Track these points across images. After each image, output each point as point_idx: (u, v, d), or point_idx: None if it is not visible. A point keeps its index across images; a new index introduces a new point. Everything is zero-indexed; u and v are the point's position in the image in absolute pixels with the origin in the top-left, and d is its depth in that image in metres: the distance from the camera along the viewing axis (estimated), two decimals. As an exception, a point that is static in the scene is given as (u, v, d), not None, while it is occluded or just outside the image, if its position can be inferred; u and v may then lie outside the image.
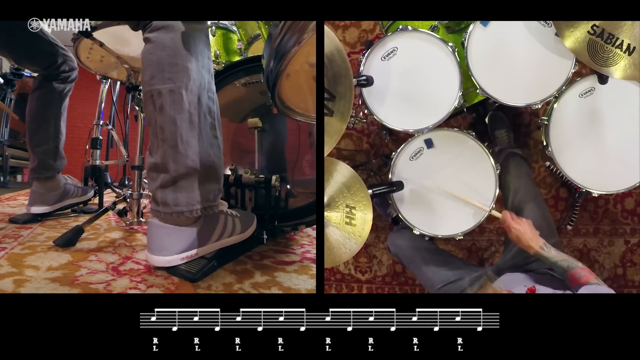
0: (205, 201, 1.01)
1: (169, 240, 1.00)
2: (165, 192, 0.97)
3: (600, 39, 1.04)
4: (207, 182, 1.01)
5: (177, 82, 0.94)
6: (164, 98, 0.94)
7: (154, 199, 1.00)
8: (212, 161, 1.01)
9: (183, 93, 0.94)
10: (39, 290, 0.89)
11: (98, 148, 2.06)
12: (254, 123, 1.41)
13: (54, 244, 1.22)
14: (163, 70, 0.94)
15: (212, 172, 1.02)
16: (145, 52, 0.97)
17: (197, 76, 0.97)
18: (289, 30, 0.84)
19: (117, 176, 3.06)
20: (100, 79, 2.08)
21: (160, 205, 0.98)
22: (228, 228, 1.11)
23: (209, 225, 1.06)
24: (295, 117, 1.12)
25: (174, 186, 0.97)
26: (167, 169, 0.96)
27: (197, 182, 0.99)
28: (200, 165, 0.98)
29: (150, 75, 0.95)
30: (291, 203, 1.45)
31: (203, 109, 0.99)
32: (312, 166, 1.47)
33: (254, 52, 1.90)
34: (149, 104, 0.96)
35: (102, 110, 2.25)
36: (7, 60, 3.51)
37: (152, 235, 1.01)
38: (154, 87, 0.94)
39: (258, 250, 1.30)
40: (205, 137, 0.99)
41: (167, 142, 0.95)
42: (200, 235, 1.03)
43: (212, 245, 1.08)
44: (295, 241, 1.49)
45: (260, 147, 1.43)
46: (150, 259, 1.01)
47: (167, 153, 0.95)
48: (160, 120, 0.95)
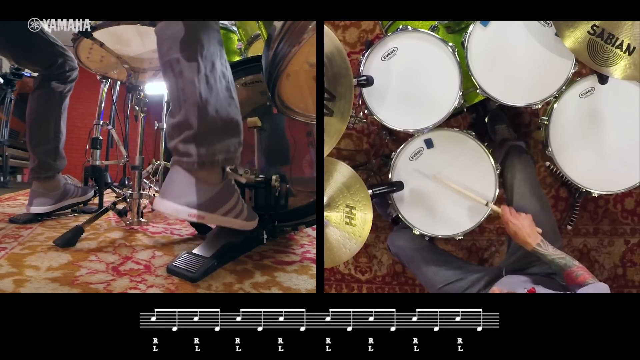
0: (227, 152, 1.04)
1: (185, 190, 1.01)
2: (188, 146, 1.01)
3: (600, 39, 1.04)
4: (228, 136, 1.05)
5: (193, 50, 0.99)
6: (182, 64, 0.99)
7: (177, 152, 1.02)
8: (232, 116, 1.05)
9: (199, 59, 1.00)
10: (39, 290, 0.89)
11: (98, 148, 2.06)
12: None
13: (54, 244, 1.22)
14: (178, 41, 0.99)
15: (233, 125, 1.05)
16: (159, 29, 1.02)
17: (210, 46, 1.02)
18: (289, 31, 0.84)
19: (117, 176, 3.06)
20: (100, 79, 2.08)
21: (184, 156, 1.01)
22: (238, 207, 1.12)
23: (225, 193, 1.08)
24: (295, 117, 1.13)
25: (197, 140, 1.01)
26: (190, 125, 1.00)
27: (218, 135, 1.03)
28: (220, 121, 1.02)
29: (168, 47, 1.01)
30: (291, 203, 1.45)
31: (218, 73, 1.04)
32: (312, 166, 1.47)
33: (254, 52, 1.89)
34: (169, 72, 1.01)
35: (102, 110, 2.26)
36: (7, 60, 3.51)
37: (171, 180, 1.03)
38: (172, 56, 1.00)
39: (258, 250, 1.30)
40: (223, 97, 1.04)
41: (188, 101, 1.00)
42: (214, 199, 1.04)
43: (220, 218, 1.07)
44: (295, 241, 1.49)
45: (260, 147, 1.43)
46: (159, 203, 1.02)
47: (190, 111, 1.00)
48: (181, 83, 1.00)
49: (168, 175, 1.05)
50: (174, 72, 1.00)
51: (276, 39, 0.86)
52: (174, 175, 1.03)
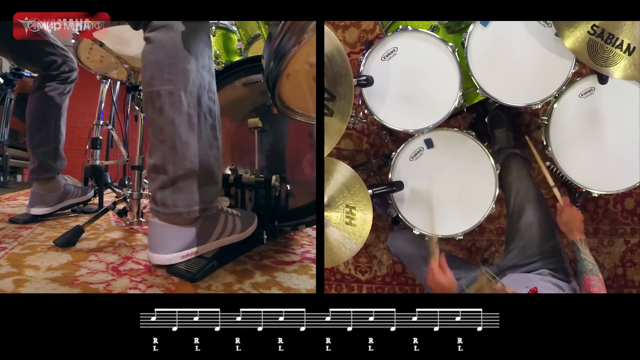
0: (204, 202, 1.02)
1: (169, 239, 1.00)
2: (164, 193, 0.98)
3: (600, 39, 1.04)
4: (205, 183, 1.02)
5: (176, 84, 0.94)
6: (163, 99, 0.94)
7: (154, 199, 1.00)
8: (211, 163, 1.02)
9: (182, 95, 0.95)
10: (39, 290, 0.89)
11: (98, 148, 2.06)
12: (254, 123, 1.41)
13: (54, 244, 1.22)
14: (162, 71, 0.94)
15: (210, 173, 1.03)
16: (145, 52, 0.98)
17: (197, 77, 0.98)
18: (289, 30, 0.84)
19: (117, 176, 3.06)
20: (100, 79, 2.08)
21: (160, 206, 0.99)
22: (228, 227, 1.11)
23: (209, 224, 1.07)
24: (295, 117, 1.13)
25: (173, 187, 0.98)
26: (165, 170, 0.97)
27: (196, 183, 1.00)
28: (199, 167, 0.99)
29: (150, 76, 0.96)
30: (291, 203, 1.45)
31: (203, 109, 0.99)
32: (312, 166, 1.47)
33: (254, 52, 1.89)
34: (149, 105, 0.97)
35: (102, 110, 2.25)
36: (7, 60, 3.51)
37: (152, 234, 1.03)
38: (154, 88, 0.95)
39: (258, 250, 1.30)
40: (205, 138, 1.00)
41: (165, 143, 0.96)
42: (200, 234, 1.04)
43: (212, 244, 1.08)
44: (295, 241, 1.49)
45: (260, 147, 1.43)
46: (151, 257, 1.02)
47: (166, 154, 0.96)
48: (160, 122, 0.95)
49: (149, 227, 1.03)
50: (154, 106, 0.95)
51: (276, 39, 0.86)
52: (155, 229, 1.01)
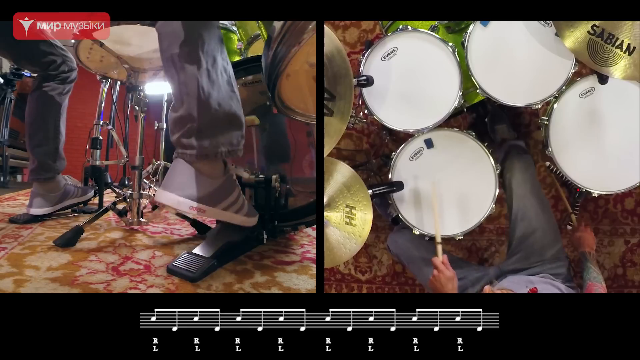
0: (229, 145, 1.05)
1: (187, 182, 1.01)
2: (191, 139, 1.01)
3: (600, 39, 1.04)
4: (230, 129, 1.05)
5: (194, 46, 1.00)
6: (184, 59, 1.00)
7: (180, 145, 1.03)
8: (234, 110, 1.05)
9: (200, 54, 1.00)
10: (39, 290, 0.89)
11: (98, 148, 2.06)
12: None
13: (54, 244, 1.22)
14: (179, 37, 0.99)
15: (235, 118, 1.06)
16: (160, 25, 1.02)
17: (211, 41, 1.03)
18: (289, 31, 0.84)
19: (117, 176, 3.07)
20: (100, 79, 2.08)
21: (187, 149, 1.02)
22: (239, 202, 1.12)
23: (226, 187, 1.08)
24: (295, 117, 1.12)
25: (200, 133, 1.01)
26: (193, 118, 1.00)
27: (221, 128, 1.03)
28: (223, 114, 1.03)
29: (169, 43, 1.01)
30: (291, 203, 1.45)
31: (219, 67, 1.04)
32: (312, 166, 1.47)
33: (254, 52, 1.89)
34: (171, 67, 1.01)
35: (102, 110, 2.26)
36: (7, 60, 3.51)
37: (173, 172, 1.04)
38: (174, 51, 1.00)
39: (258, 250, 1.30)
40: (224, 91, 1.04)
41: (191, 95, 1.00)
42: (215, 193, 1.05)
43: (221, 212, 1.08)
44: (295, 241, 1.49)
45: (260, 147, 1.43)
46: (160, 195, 1.02)
47: (192, 105, 1.00)
48: (183, 77, 1.00)
49: (170, 168, 1.05)
50: (176, 66, 1.01)
51: (276, 39, 0.86)
52: (176, 167, 1.03)
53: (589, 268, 1.25)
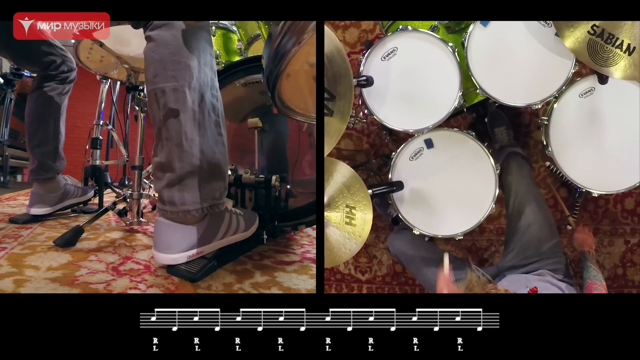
0: (212, 199, 1.02)
1: (176, 239, 1.00)
2: (172, 191, 0.98)
3: (600, 39, 1.04)
4: (212, 180, 1.02)
5: (180, 80, 0.94)
6: (167, 96, 0.94)
7: (161, 198, 1.00)
8: (217, 159, 1.02)
9: (186, 91, 0.95)
10: (39, 290, 0.89)
11: (98, 148, 2.06)
12: (254, 123, 1.41)
13: (54, 244, 1.22)
14: (166, 69, 0.94)
15: (218, 169, 1.02)
16: (147, 51, 0.98)
17: (200, 74, 0.98)
18: (289, 30, 0.84)
19: (117, 176, 3.06)
20: (100, 79, 2.08)
21: (167, 205, 0.98)
22: (233, 226, 1.11)
23: (215, 223, 1.07)
24: (295, 117, 1.12)
25: (180, 185, 0.97)
26: (172, 167, 0.97)
27: (203, 180, 1.00)
28: (206, 163, 0.99)
29: (154, 74, 0.96)
30: (291, 203, 1.45)
31: (207, 106, 0.99)
32: (312, 166, 1.47)
33: (254, 52, 1.89)
34: (153, 103, 0.97)
35: (102, 110, 2.25)
36: (7, 60, 3.51)
37: (158, 233, 1.02)
38: (157, 85, 0.95)
39: (258, 250, 1.30)
40: (210, 135, 1.00)
41: (172, 140, 0.96)
42: (206, 233, 1.04)
43: (218, 243, 1.08)
44: (295, 241, 1.49)
45: (260, 147, 1.43)
46: (157, 257, 1.01)
47: (173, 152, 0.96)
48: (165, 120, 0.96)
49: (156, 225, 1.02)
50: (159, 104, 0.95)
51: (276, 39, 0.86)
52: (160, 228, 1.01)
53: (589, 267, 1.26)
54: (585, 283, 1.21)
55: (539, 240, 1.26)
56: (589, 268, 1.25)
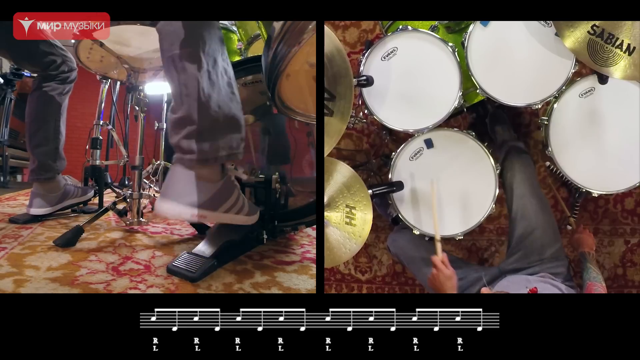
0: (229, 148, 1.04)
1: (187, 189, 1.00)
2: (191, 142, 1.00)
3: (600, 39, 1.04)
4: (230, 131, 1.04)
5: (195, 46, 0.99)
6: (184, 59, 0.99)
7: (179, 149, 1.01)
8: (233, 112, 1.05)
9: (201, 54, 0.99)
10: (39, 290, 0.89)
11: (98, 148, 2.06)
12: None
13: (54, 244, 1.22)
14: (180, 37, 0.99)
15: (235, 121, 1.05)
16: (161, 25, 1.02)
17: (211, 42, 1.02)
18: (289, 31, 0.84)
19: (117, 176, 3.07)
20: (100, 79, 2.08)
21: (187, 153, 1.00)
22: (239, 203, 1.11)
23: (226, 190, 1.07)
24: (295, 117, 1.13)
25: (200, 135, 1.00)
26: (192, 120, 0.99)
27: (221, 131, 1.02)
28: (223, 116, 1.02)
29: (170, 43, 1.00)
30: (291, 203, 1.45)
31: (219, 69, 1.04)
32: (312, 166, 1.47)
33: (254, 52, 1.89)
34: (171, 68, 1.01)
35: (102, 110, 2.25)
36: (7, 60, 3.51)
37: (171, 179, 1.02)
38: (175, 52, 0.99)
39: (258, 250, 1.30)
40: (224, 93, 1.04)
41: (191, 96, 0.99)
42: (215, 197, 1.04)
43: (222, 215, 1.07)
44: (295, 241, 1.49)
45: (260, 147, 1.43)
46: (160, 206, 1.00)
47: (192, 106, 0.99)
48: (184, 78, 0.99)
49: (168, 175, 1.04)
50: (176, 67, 1.00)
51: (276, 39, 0.86)
52: (175, 174, 1.02)
53: (589, 268, 1.26)
54: (585, 284, 1.21)
55: (542, 245, 1.26)
56: (589, 269, 1.25)
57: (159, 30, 1.03)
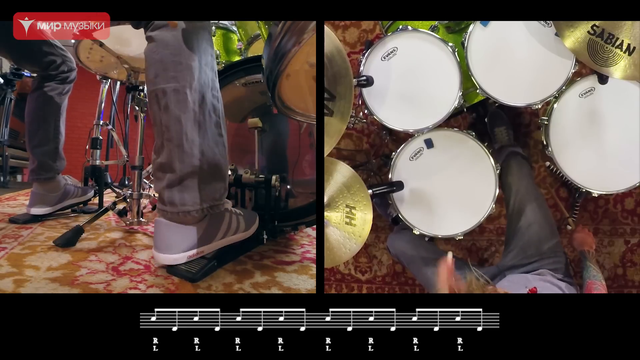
0: (212, 200, 1.02)
1: (176, 239, 1.00)
2: (172, 192, 0.98)
3: (600, 39, 1.04)
4: (213, 180, 1.02)
5: (181, 81, 0.94)
6: (168, 97, 0.94)
7: (161, 199, 1.00)
8: (218, 160, 1.02)
9: (187, 92, 0.95)
10: (39, 290, 0.89)
11: (98, 148, 2.05)
12: (254, 123, 1.41)
13: (54, 244, 1.22)
14: (167, 69, 0.94)
15: (218, 170, 1.02)
16: (148, 51, 0.98)
17: (201, 74, 0.98)
18: (289, 30, 0.84)
19: (117, 176, 3.06)
20: (100, 79, 2.08)
21: (168, 205, 0.98)
22: (233, 226, 1.11)
23: (215, 223, 1.06)
24: (295, 117, 1.12)
25: (181, 185, 0.97)
26: (173, 168, 0.97)
27: (203, 181, 1.00)
28: (206, 164, 0.99)
29: (154, 74, 0.96)
30: (291, 203, 1.45)
31: (208, 107, 0.99)
32: (312, 166, 1.47)
33: (254, 52, 1.89)
34: (154, 104, 0.97)
35: (102, 110, 2.25)
36: (7, 60, 3.51)
37: (159, 234, 1.02)
38: (158, 86, 0.95)
39: (258, 250, 1.30)
40: (211, 136, 1.00)
41: (172, 141, 0.96)
42: (206, 234, 1.04)
43: (218, 243, 1.08)
44: (295, 241, 1.49)
45: (260, 147, 1.43)
46: (157, 257, 1.01)
47: (173, 152, 0.96)
48: (165, 120, 0.95)
49: (156, 225, 1.02)
50: (159, 105, 0.95)
51: (276, 39, 0.86)
52: (161, 228, 1.01)
53: (589, 267, 1.26)
54: (585, 283, 1.21)
55: (540, 240, 1.26)
56: (589, 268, 1.25)
57: (145, 56, 0.98)
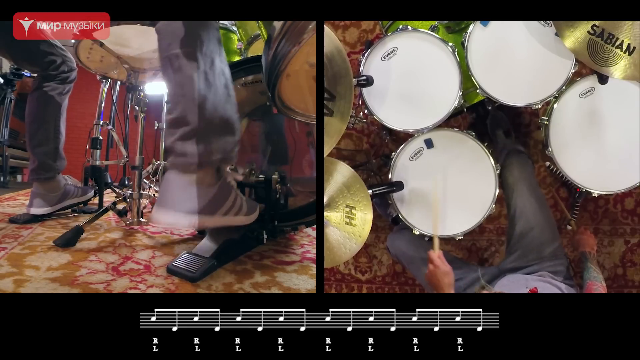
0: (224, 152, 1.03)
1: (181, 195, 0.98)
2: (185, 144, 0.99)
3: (600, 39, 1.04)
4: (225, 134, 1.04)
5: (192, 47, 0.99)
6: (181, 59, 0.98)
7: (173, 152, 1.01)
8: (230, 115, 1.04)
9: (198, 55, 0.99)
10: (39, 290, 0.89)
11: (98, 148, 2.06)
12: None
13: (54, 244, 1.22)
14: (178, 37, 0.99)
15: (229, 124, 1.05)
16: (160, 25, 1.01)
17: (210, 43, 1.02)
18: (289, 31, 0.84)
19: (117, 176, 3.07)
20: (100, 79, 2.08)
21: (180, 156, 1.00)
22: (236, 205, 1.10)
23: (222, 193, 1.06)
24: (295, 117, 1.13)
25: (194, 137, 0.99)
26: (187, 121, 0.99)
27: (215, 134, 1.02)
28: (218, 119, 1.02)
29: (168, 43, 1.00)
30: (291, 203, 1.45)
31: (217, 70, 1.03)
32: (312, 166, 1.47)
33: (254, 52, 1.89)
34: (168, 68, 1.01)
35: (102, 110, 2.25)
36: (7, 60, 3.51)
37: (167, 186, 1.01)
38: (172, 51, 0.99)
39: (258, 250, 1.30)
40: (221, 94, 1.03)
41: (186, 97, 0.99)
42: (211, 202, 1.02)
43: (219, 219, 1.05)
44: (295, 241, 1.49)
45: (260, 147, 1.43)
46: (155, 215, 0.99)
47: (187, 107, 0.99)
48: (180, 78, 0.99)
49: (163, 181, 1.02)
50: (173, 67, 1.00)
51: (276, 39, 0.86)
52: (170, 180, 1.00)
53: (589, 268, 1.26)
54: (585, 284, 1.21)
55: (541, 243, 1.26)
56: (590, 269, 1.25)
57: (157, 30, 1.02)
